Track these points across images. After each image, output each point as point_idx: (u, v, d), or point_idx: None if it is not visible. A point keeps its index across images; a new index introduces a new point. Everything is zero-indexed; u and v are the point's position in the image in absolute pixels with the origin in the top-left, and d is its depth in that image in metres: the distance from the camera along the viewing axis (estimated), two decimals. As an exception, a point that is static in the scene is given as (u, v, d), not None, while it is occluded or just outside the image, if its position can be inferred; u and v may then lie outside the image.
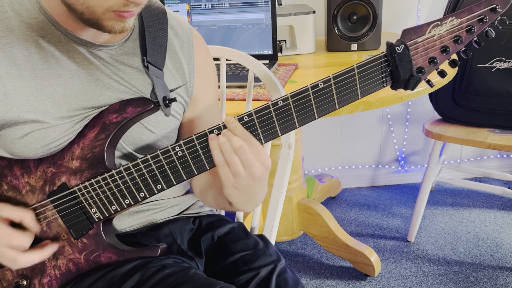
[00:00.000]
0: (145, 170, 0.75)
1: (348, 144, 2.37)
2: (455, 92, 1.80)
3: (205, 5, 1.63)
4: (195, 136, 0.73)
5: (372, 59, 0.70)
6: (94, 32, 0.74)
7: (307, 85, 0.70)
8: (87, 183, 0.76)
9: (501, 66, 1.71)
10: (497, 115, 1.77)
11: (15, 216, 0.77)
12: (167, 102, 0.81)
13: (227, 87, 1.38)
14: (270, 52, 1.64)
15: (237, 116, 0.72)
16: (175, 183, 0.75)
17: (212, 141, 0.71)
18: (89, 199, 0.77)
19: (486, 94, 1.75)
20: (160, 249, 0.80)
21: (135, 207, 0.88)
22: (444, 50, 0.70)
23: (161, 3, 0.88)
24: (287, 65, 1.61)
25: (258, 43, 1.64)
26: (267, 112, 0.71)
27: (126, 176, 0.75)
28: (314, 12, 1.79)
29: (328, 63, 1.70)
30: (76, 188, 0.77)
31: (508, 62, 1.70)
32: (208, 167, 0.74)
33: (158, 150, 0.74)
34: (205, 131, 0.72)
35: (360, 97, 0.71)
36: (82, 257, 0.80)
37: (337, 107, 0.71)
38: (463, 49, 0.71)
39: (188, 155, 0.73)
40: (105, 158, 0.77)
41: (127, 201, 0.77)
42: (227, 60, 1.17)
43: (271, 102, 0.71)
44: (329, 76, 0.70)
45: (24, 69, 0.73)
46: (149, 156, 0.74)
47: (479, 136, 1.74)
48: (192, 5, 1.64)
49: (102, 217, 0.78)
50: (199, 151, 0.73)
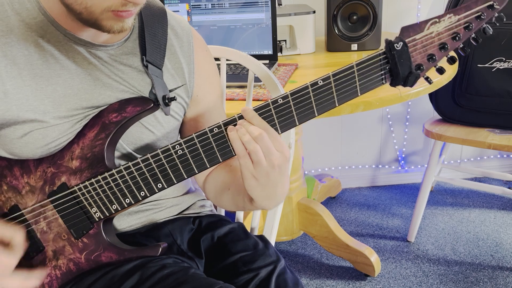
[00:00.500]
0: (145, 169, 0.75)
1: (348, 144, 2.37)
2: (455, 92, 1.80)
3: (205, 5, 1.63)
4: (195, 134, 0.73)
5: (371, 56, 0.70)
6: (94, 32, 0.74)
7: (306, 83, 0.70)
8: (87, 183, 0.76)
9: (501, 66, 1.71)
10: (497, 115, 1.76)
11: (6, 236, 0.75)
12: (166, 101, 0.81)
13: (227, 87, 1.38)
14: (270, 52, 1.64)
15: (237, 114, 0.72)
16: (176, 181, 0.75)
17: (231, 132, 0.71)
18: (90, 198, 0.77)
19: (486, 94, 1.75)
20: (160, 248, 0.80)
21: (135, 207, 0.88)
22: (443, 47, 0.70)
23: (161, 3, 0.88)
24: (287, 65, 1.61)
25: (258, 43, 1.64)
26: (266, 110, 0.71)
27: (127, 175, 0.75)
28: (314, 12, 1.79)
29: (328, 63, 1.70)
30: (76, 188, 0.77)
31: (508, 62, 1.70)
32: (209, 165, 0.74)
33: (159, 149, 0.74)
34: (205, 129, 0.72)
35: (359, 94, 0.71)
36: (83, 257, 0.80)
37: (337, 104, 0.71)
38: (461, 46, 0.71)
39: (188, 154, 0.73)
40: (105, 157, 0.77)
41: (128, 200, 0.77)
42: (227, 60, 1.17)
43: (271, 100, 0.71)
44: (329, 73, 0.70)
45: (24, 69, 0.73)
46: (149, 155, 0.74)
47: (479, 136, 1.74)
48: (192, 5, 1.64)
49: (102, 217, 0.78)
50: (199, 149, 0.73)
